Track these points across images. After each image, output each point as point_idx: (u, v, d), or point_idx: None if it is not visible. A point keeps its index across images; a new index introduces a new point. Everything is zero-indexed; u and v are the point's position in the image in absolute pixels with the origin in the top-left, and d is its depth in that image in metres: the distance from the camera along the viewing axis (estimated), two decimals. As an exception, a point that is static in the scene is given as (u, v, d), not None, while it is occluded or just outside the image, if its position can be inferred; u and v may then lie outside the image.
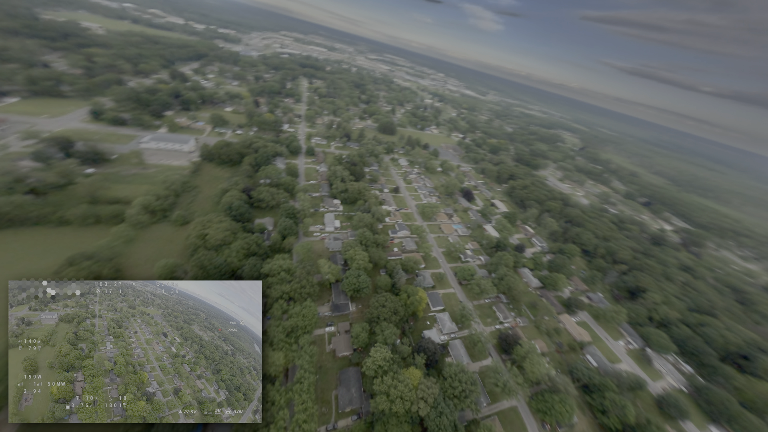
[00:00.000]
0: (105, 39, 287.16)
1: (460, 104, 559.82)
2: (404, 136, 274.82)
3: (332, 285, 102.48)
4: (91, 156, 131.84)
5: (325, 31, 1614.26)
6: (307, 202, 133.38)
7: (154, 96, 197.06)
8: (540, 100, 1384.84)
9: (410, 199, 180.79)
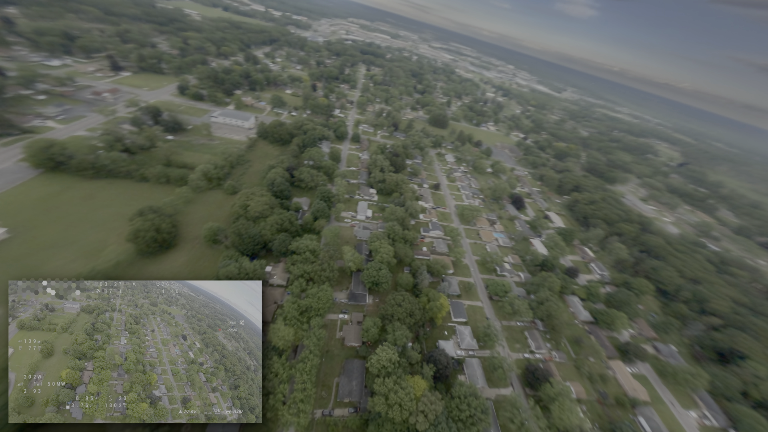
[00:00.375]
0: (199, 24, 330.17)
1: (528, 100, 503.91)
2: (455, 131, 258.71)
3: (353, 273, 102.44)
4: (172, 125, 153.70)
5: (393, 18, 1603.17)
6: (343, 187, 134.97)
7: (228, 76, 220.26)
8: (633, 102, 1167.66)
9: (450, 199, 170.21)
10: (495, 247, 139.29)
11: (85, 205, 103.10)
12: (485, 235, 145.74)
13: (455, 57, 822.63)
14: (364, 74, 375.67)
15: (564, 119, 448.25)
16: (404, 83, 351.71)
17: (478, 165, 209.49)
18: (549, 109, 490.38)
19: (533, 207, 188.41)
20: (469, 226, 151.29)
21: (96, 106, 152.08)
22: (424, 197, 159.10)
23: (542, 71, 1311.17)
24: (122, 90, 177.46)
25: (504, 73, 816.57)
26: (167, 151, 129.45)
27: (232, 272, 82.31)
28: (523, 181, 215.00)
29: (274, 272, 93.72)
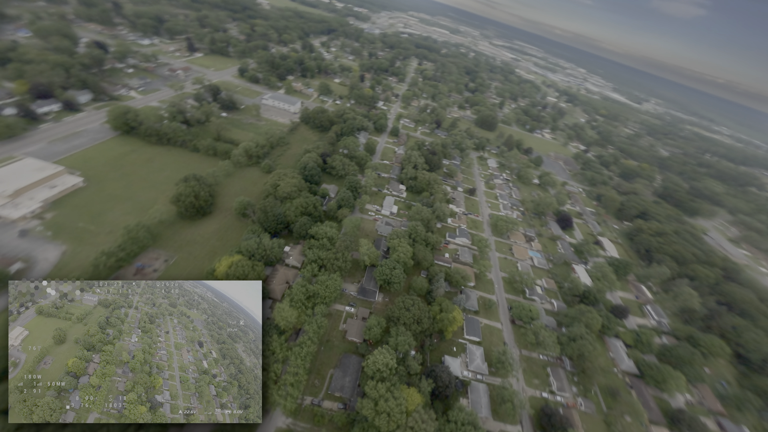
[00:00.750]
0: (267, 13, 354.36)
1: (597, 109, 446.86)
2: (504, 134, 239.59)
3: (367, 268, 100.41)
4: (227, 103, 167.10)
5: (455, 13, 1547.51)
6: (372, 179, 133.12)
7: (284, 62, 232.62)
8: (739, 122, 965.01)
9: (485, 206, 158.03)
10: (528, 267, 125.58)
11: (146, 167, 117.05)
12: (519, 251, 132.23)
13: (517, 56, 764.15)
14: (415, 68, 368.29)
15: (640, 134, 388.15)
16: (455, 80, 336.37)
17: (523, 174, 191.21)
18: (622, 121, 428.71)
19: (583, 229, 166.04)
20: (501, 238, 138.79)
21: (170, 81, 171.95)
22: (456, 201, 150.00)
23: (621, 77, 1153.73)
24: (192, 69, 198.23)
25: (572, 77, 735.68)
26: (218, 126, 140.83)
27: (252, 246, 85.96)
28: (575, 199, 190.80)
29: (291, 253, 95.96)
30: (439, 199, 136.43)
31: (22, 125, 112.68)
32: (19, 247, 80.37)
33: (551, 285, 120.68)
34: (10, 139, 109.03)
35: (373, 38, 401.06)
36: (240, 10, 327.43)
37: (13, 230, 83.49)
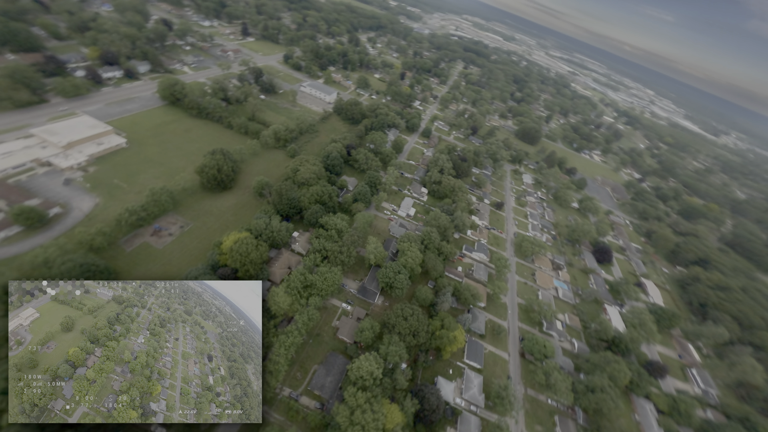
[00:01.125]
0: (321, 5, 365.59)
1: (661, 135, 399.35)
2: (545, 150, 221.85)
3: (372, 267, 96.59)
4: (267, 87, 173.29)
5: (512, 20, 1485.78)
6: (393, 178, 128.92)
7: (328, 52, 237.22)
8: None
9: (511, 223, 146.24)
10: (550, 297, 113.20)
11: (183, 137, 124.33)
12: (542, 278, 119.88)
13: (575, 69, 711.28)
14: (459, 71, 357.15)
15: (712, 170, 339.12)
16: (501, 87, 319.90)
17: (561, 195, 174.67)
18: (691, 153, 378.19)
19: (623, 266, 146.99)
20: (524, 261, 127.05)
21: (219, 60, 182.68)
22: (480, 213, 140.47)
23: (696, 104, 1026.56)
24: (242, 51, 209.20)
25: (637, 98, 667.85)
26: (253, 107, 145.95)
27: (260, 226, 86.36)
28: (619, 231, 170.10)
29: (299, 239, 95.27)
30: (461, 208, 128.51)
31: (87, 86, 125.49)
32: (61, 194, 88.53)
33: (575, 322, 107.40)
34: (75, 97, 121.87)
35: (420, 38, 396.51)
36: (296, 0, 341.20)
37: (59, 178, 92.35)
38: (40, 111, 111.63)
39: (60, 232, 79.77)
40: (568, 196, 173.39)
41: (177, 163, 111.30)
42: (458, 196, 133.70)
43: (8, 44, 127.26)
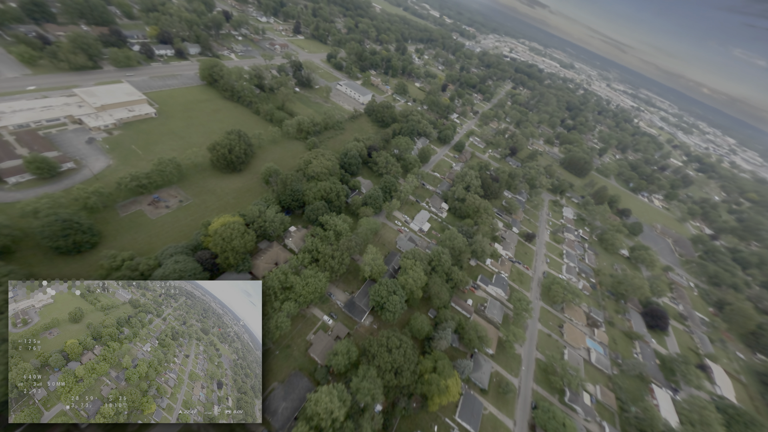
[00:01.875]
0: (375, 14, 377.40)
1: (743, 189, 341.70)
2: (594, 184, 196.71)
3: (367, 281, 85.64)
4: (305, 80, 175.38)
5: (573, 49, 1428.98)
6: (412, 186, 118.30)
7: (372, 56, 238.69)
8: None
9: (542, 260, 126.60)
10: (579, 360, 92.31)
11: (210, 116, 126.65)
12: (572, 333, 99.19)
13: (640, 105, 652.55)
14: (507, 91, 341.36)
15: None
16: (551, 112, 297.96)
17: (608, 238, 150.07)
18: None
19: (682, 339, 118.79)
20: (552, 308, 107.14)
21: (265, 52, 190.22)
22: (506, 242, 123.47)
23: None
24: (290, 47, 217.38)
25: (714, 145, 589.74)
26: (284, 97, 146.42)
27: (253, 213, 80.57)
28: (680, 294, 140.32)
29: (294, 235, 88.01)
30: (483, 232, 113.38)
31: (139, 59, 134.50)
32: (81, 151, 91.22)
33: (608, 399, 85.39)
34: (126, 68, 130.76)
35: (470, 54, 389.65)
36: (352, 8, 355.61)
37: (85, 136, 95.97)
38: (92, 76, 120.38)
39: (66, 186, 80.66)
40: (618, 241, 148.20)
41: (197, 138, 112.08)
42: (482, 219, 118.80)
43: (84, 17, 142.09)
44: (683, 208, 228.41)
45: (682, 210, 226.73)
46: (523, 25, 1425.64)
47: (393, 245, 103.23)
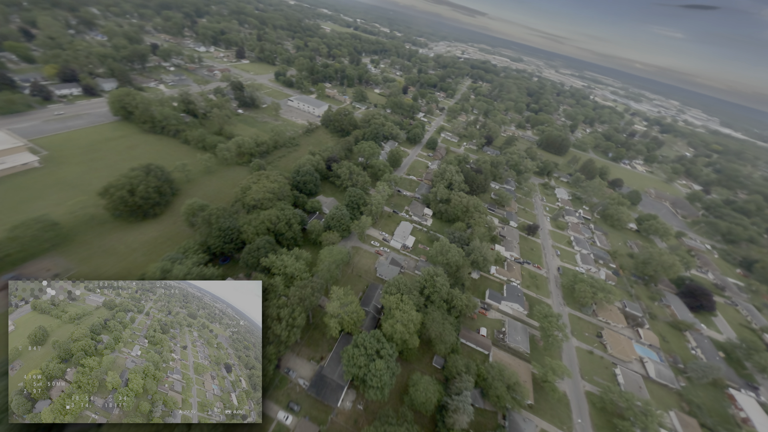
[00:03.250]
0: (325, 34, 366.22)
1: (707, 143, 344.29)
2: (578, 159, 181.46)
3: (340, 337, 59.06)
4: (248, 101, 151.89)
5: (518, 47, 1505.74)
6: (384, 196, 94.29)
7: (324, 69, 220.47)
8: None
9: (551, 253, 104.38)
10: (637, 380, 68.20)
11: (123, 154, 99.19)
12: (616, 343, 75.47)
13: (589, 84, 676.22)
14: (468, 86, 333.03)
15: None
16: (515, 99, 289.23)
17: (612, 213, 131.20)
18: (749, 160, 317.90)
19: (729, 316, 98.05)
20: (580, 313, 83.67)
21: (200, 77, 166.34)
22: (507, 241, 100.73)
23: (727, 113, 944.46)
24: (233, 71, 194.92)
25: (663, 108, 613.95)
26: (221, 120, 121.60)
27: (155, 275, 53.16)
28: (703, 261, 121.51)
29: (230, 291, 60.55)
30: (479, 234, 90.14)
31: (26, 102, 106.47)
32: None
33: (691, 429, 60.89)
34: (12, 114, 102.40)
35: (425, 58, 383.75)
36: (300, 30, 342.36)
37: None
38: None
39: None
40: (623, 215, 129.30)
41: (98, 184, 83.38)
42: (474, 219, 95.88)
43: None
44: (666, 168, 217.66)
45: (666, 171, 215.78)
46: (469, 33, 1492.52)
47: (372, 274, 77.60)
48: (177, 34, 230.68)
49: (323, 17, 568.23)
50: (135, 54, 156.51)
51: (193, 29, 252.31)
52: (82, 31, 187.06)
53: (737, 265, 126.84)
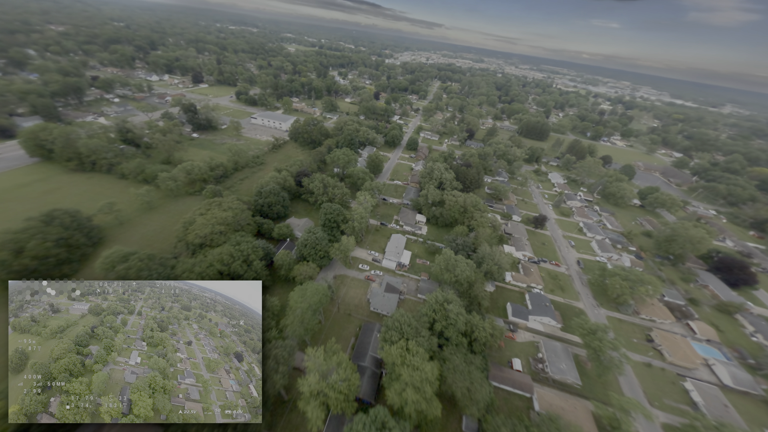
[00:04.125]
0: (289, 53, 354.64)
1: (669, 113, 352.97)
2: (561, 142, 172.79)
3: (328, 421, 40.05)
4: (203, 123, 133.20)
5: (477, 51, 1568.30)
6: (366, 208, 77.09)
7: (289, 84, 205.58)
8: None
9: (565, 246, 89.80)
10: (714, 393, 52.50)
11: (36, 201, 77.52)
12: (673, 347, 60.09)
13: (548, 75, 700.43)
14: (439, 86, 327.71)
15: (748, 136, 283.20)
16: (486, 93, 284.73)
17: (614, 192, 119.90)
18: (709, 125, 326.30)
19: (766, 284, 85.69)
20: (618, 313, 68.24)
21: (147, 104, 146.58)
22: (515, 239, 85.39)
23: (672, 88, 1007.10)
24: (188, 96, 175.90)
25: (619, 88, 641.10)
26: (168, 147, 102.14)
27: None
28: (718, 228, 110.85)
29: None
30: (485, 237, 74.27)
31: None
32: None
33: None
34: None
35: (393, 66, 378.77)
36: (263, 52, 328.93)
37: None
38: None
39: None
40: (625, 191, 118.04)
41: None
42: (475, 219, 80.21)
43: None
44: (645, 140, 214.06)
45: (645, 143, 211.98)
46: (430, 43, 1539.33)
47: (365, 309, 59.38)
48: (126, 66, 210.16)
49: (287, 40, 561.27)
50: (68, 88, 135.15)
51: (145, 60, 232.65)
52: (11, 72, 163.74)
53: (749, 227, 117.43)
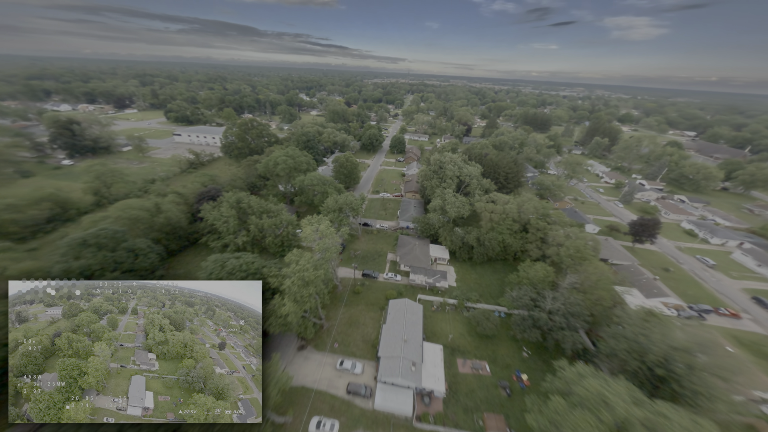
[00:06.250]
0: (251, 80, 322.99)
1: (640, 105, 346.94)
2: (572, 130, 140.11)
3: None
4: (90, 146, 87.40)
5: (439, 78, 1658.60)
6: (309, 262, 32.03)
7: (242, 98, 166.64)
8: None
9: (698, 266, 47.06)
10: None
11: None
12: None
13: (512, 86, 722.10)
14: (414, 96, 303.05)
15: (732, 114, 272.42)
16: (465, 97, 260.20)
17: (686, 173, 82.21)
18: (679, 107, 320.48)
19: None
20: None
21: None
22: (625, 270, 41.70)
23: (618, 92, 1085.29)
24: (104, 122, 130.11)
25: (578, 93, 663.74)
26: None
27: None
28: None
29: None
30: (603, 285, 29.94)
31: None
32: None
33: None
34: None
35: (365, 84, 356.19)
36: (219, 80, 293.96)
37: None
38: None
39: None
40: (710, 172, 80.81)
41: None
42: (564, 245, 36.53)
43: None
44: (654, 122, 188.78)
45: (651, 125, 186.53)
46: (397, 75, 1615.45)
47: None
48: (33, 98, 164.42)
49: (255, 74, 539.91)
50: None
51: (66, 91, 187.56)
52: None
53: None
